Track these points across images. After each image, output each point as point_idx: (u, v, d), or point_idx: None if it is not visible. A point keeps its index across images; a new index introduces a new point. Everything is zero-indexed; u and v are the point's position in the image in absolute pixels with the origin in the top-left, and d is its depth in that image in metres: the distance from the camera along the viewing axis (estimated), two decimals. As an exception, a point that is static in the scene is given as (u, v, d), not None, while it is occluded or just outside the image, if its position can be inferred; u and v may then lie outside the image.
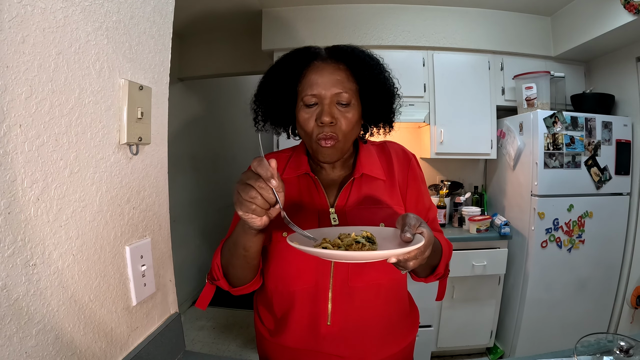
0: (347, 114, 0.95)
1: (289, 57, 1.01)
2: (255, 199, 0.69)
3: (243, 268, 0.92)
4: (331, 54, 0.99)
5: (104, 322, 0.79)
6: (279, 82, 0.99)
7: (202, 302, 1.00)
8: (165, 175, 1.03)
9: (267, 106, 1.04)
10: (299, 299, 0.97)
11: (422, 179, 1.11)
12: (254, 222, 0.73)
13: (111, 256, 0.82)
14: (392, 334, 1.04)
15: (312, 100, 0.94)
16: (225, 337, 3.41)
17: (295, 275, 0.97)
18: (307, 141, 0.99)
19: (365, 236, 0.79)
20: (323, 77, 0.94)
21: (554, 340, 2.74)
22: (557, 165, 2.65)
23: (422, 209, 1.08)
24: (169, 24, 1.00)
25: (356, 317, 0.97)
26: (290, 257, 0.96)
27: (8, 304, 0.58)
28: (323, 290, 0.96)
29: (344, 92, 0.94)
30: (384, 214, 0.99)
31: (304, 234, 0.78)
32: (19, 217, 0.60)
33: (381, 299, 1.00)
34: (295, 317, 0.98)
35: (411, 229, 0.74)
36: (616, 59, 2.96)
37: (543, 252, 2.69)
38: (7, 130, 0.57)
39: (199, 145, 4.33)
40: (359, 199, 1.01)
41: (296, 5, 3.07)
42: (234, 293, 0.99)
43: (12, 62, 0.57)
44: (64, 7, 0.66)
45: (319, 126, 0.94)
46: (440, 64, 3.06)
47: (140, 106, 0.87)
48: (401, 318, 1.08)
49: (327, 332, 0.96)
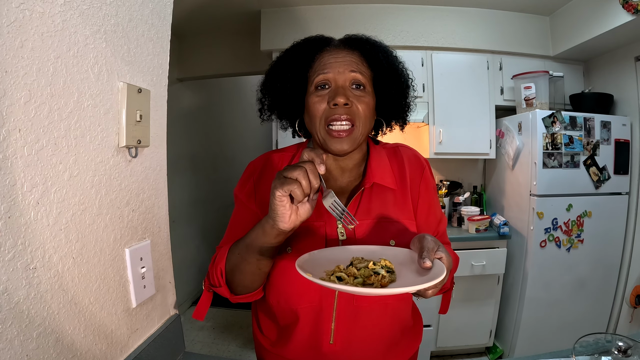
0: (364, 98, 0.89)
1: (300, 43, 0.97)
2: (300, 178, 0.67)
3: (253, 274, 0.87)
4: (344, 42, 0.95)
5: (104, 324, 0.80)
6: (288, 68, 0.94)
7: (200, 313, 0.95)
8: (164, 177, 1.03)
9: (274, 94, 0.98)
10: (302, 317, 0.92)
11: (434, 188, 1.06)
12: (284, 211, 0.71)
13: (111, 259, 0.82)
14: (395, 348, 1.00)
15: (323, 81, 0.89)
16: (225, 337, 3.41)
17: (299, 293, 0.91)
18: (316, 130, 0.92)
19: (384, 266, 0.76)
20: (337, 58, 0.90)
21: (553, 340, 2.75)
22: (556, 165, 2.66)
23: (433, 221, 1.04)
24: (168, 27, 1.00)
25: (360, 336, 0.93)
26: (293, 276, 0.88)
27: (9, 308, 0.59)
28: (327, 309, 0.91)
29: (359, 72, 0.89)
30: (394, 229, 0.94)
31: (352, 219, 0.77)
32: (19, 221, 0.60)
33: (387, 316, 0.96)
34: (297, 332, 0.94)
35: (429, 254, 0.71)
36: (615, 59, 2.96)
37: (542, 252, 2.70)
38: (6, 134, 0.57)
39: (198, 146, 4.33)
40: (368, 212, 0.94)
41: (295, 5, 3.07)
42: (233, 301, 0.93)
43: (10, 67, 0.57)
44: (62, 11, 0.67)
45: (331, 108, 0.88)
46: (439, 64, 3.06)
47: (139, 109, 0.87)
48: (405, 332, 1.03)
49: (329, 350, 0.92)
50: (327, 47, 0.94)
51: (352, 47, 0.94)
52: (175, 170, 3.64)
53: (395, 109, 1.02)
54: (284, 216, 0.71)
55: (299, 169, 0.68)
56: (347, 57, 0.91)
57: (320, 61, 0.91)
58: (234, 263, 0.87)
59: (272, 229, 0.75)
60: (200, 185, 4.39)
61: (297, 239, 0.91)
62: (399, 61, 1.00)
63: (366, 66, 0.93)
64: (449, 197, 3.24)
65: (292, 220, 0.72)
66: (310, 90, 0.92)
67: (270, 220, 0.74)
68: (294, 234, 0.90)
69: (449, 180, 3.39)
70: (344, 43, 0.95)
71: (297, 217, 0.73)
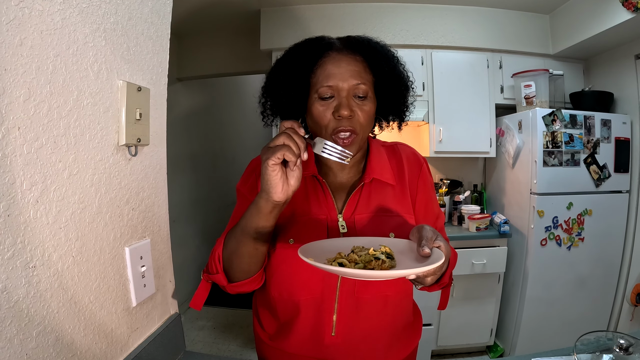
0: (365, 106, 0.90)
1: (301, 46, 0.96)
2: (287, 141, 0.73)
3: (250, 256, 0.87)
4: (346, 44, 0.94)
5: (104, 323, 0.79)
6: (290, 73, 0.93)
7: (197, 302, 0.95)
8: (164, 176, 1.03)
9: (276, 99, 0.98)
10: (303, 309, 0.94)
11: (432, 185, 1.07)
12: (277, 180, 0.75)
13: (111, 257, 0.82)
14: (396, 342, 1.02)
15: (328, 92, 0.89)
16: (226, 337, 3.41)
17: (301, 285, 0.93)
18: (321, 136, 0.92)
19: (384, 252, 0.77)
20: (340, 68, 0.89)
21: (554, 338, 2.75)
22: (556, 164, 2.65)
23: (431, 216, 1.05)
24: (167, 25, 1.00)
25: (361, 328, 0.94)
26: (296, 266, 0.90)
27: (8, 306, 0.59)
28: (329, 301, 0.92)
29: (362, 83, 0.89)
30: (394, 222, 0.96)
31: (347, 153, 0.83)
32: (19, 219, 0.60)
33: (388, 309, 0.98)
34: (298, 325, 0.95)
35: (428, 243, 0.73)
36: (615, 57, 2.96)
37: (542, 250, 2.70)
38: (5, 132, 0.57)
39: (198, 145, 4.33)
40: (368, 206, 0.96)
41: (294, 4, 3.07)
42: (230, 291, 0.93)
43: (10, 65, 0.57)
44: (62, 9, 0.66)
45: (336, 119, 0.88)
46: (439, 63, 3.05)
47: (138, 107, 0.87)
48: (406, 326, 1.05)
49: (330, 342, 0.93)
50: (330, 51, 0.92)
51: (355, 51, 0.93)
52: (175, 169, 3.64)
53: (394, 110, 1.03)
54: (277, 186, 0.75)
55: (283, 135, 0.74)
56: (350, 66, 0.90)
57: (323, 69, 0.90)
58: (232, 247, 0.88)
59: (266, 202, 0.78)
60: (200, 184, 4.38)
61: (299, 230, 0.93)
62: (401, 64, 1.00)
63: (368, 72, 0.93)
64: (449, 195, 3.23)
65: (285, 190, 0.76)
66: (314, 97, 0.91)
67: (264, 194, 0.77)
68: (296, 225, 0.92)
69: (449, 178, 3.38)
70: (346, 46, 0.93)
71: (289, 187, 0.77)
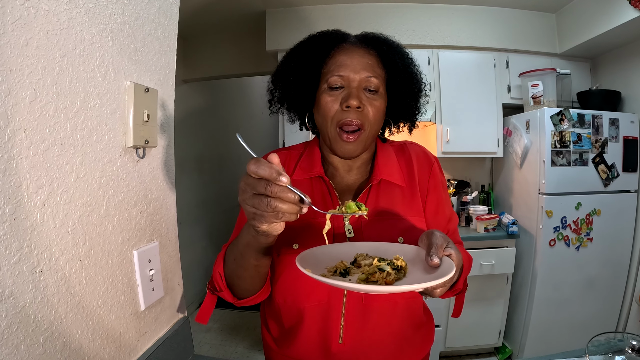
0: (375, 102, 0.88)
1: (315, 37, 0.95)
2: (278, 207, 0.59)
3: (252, 278, 0.84)
4: (361, 39, 0.93)
5: (112, 327, 0.78)
6: (302, 61, 0.92)
7: (203, 316, 0.90)
8: (172, 177, 1.02)
9: (285, 87, 0.96)
10: (309, 316, 0.90)
11: (444, 185, 1.03)
12: (276, 229, 0.66)
13: (119, 261, 0.81)
14: (407, 348, 0.97)
15: (338, 82, 0.87)
16: (233, 339, 3.40)
17: (307, 291, 0.89)
18: (326, 129, 0.90)
19: (396, 265, 0.72)
20: (353, 59, 0.87)
21: (563, 340, 2.72)
22: (565, 163, 2.63)
23: (442, 219, 1.01)
24: (174, 25, 0.99)
25: (369, 336, 0.90)
26: (300, 272, 0.84)
27: (15, 312, 0.57)
28: (336, 307, 0.89)
29: (374, 77, 0.87)
30: (402, 226, 0.92)
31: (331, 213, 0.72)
32: (25, 223, 0.59)
33: (397, 315, 0.94)
34: (304, 332, 0.91)
35: (438, 251, 0.68)
36: (622, 55, 2.93)
37: (551, 251, 2.67)
38: (11, 134, 0.56)
39: (204, 147, 4.33)
40: (376, 209, 0.92)
41: (300, 5, 3.06)
42: (237, 305, 0.90)
43: (15, 65, 0.56)
44: (68, 9, 0.65)
45: (343, 110, 0.86)
46: (445, 63, 3.04)
47: (146, 109, 0.86)
48: (416, 331, 1.00)
49: (338, 349, 0.89)
50: (344, 43, 0.91)
51: (369, 46, 0.92)
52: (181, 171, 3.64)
53: (406, 112, 1.01)
54: (269, 231, 0.66)
55: (267, 200, 0.59)
56: (363, 58, 0.88)
57: (335, 59, 0.89)
58: (232, 269, 0.84)
59: (267, 237, 0.70)
60: (206, 186, 4.39)
61: (304, 235, 0.90)
62: (414, 64, 0.98)
63: (381, 67, 0.91)
64: (457, 196, 3.22)
65: (276, 228, 0.66)
66: (323, 87, 0.90)
67: (253, 231, 0.69)
68: (301, 230, 0.89)
69: (457, 179, 3.36)
70: (360, 41, 0.93)
71: (280, 226, 0.67)
